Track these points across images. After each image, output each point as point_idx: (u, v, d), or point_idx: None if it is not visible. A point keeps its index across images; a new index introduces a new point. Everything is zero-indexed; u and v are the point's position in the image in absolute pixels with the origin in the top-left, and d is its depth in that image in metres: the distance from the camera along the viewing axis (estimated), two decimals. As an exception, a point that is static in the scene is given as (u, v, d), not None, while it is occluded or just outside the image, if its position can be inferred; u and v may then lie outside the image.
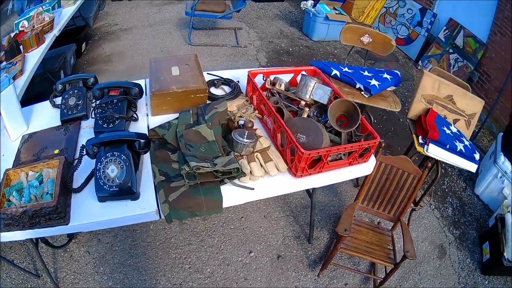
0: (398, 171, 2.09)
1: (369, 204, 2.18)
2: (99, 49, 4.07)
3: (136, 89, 1.66)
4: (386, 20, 5.70)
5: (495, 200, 3.05)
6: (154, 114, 1.72)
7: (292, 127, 1.54)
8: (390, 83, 2.46)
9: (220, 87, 1.94)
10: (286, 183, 1.48)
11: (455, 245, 2.63)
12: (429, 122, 2.21)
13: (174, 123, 1.61)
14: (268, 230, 2.38)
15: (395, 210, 2.16)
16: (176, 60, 1.88)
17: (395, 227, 2.20)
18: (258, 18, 5.29)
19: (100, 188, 1.22)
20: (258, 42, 4.61)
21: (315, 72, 1.97)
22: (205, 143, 1.47)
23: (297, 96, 1.70)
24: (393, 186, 2.11)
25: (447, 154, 2.18)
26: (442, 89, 2.33)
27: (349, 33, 2.74)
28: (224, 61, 4.05)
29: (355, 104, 1.63)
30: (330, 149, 1.43)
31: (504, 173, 2.95)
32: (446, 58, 4.65)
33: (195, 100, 1.71)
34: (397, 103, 2.46)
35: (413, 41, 5.19)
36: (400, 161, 2.06)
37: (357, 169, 1.63)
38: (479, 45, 4.27)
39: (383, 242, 2.13)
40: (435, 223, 2.71)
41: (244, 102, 1.82)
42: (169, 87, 1.66)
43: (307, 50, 4.69)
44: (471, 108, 2.43)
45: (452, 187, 3.06)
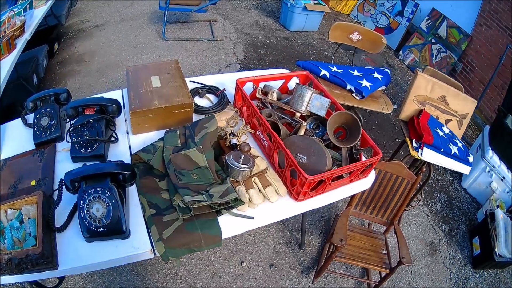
0: (392, 176, 2.02)
1: (362, 209, 2.12)
2: (71, 49, 3.80)
3: (114, 106, 1.45)
4: (365, 9, 5.55)
5: (483, 193, 3.06)
6: (135, 132, 1.51)
7: (291, 145, 1.41)
8: (381, 83, 2.35)
9: (205, 96, 1.76)
10: (287, 207, 1.36)
11: (445, 241, 2.63)
12: (423, 124, 2.13)
13: (159, 146, 1.40)
14: (258, 238, 2.29)
15: (388, 214, 2.11)
16: (155, 69, 1.67)
17: (388, 230, 2.16)
18: (234, 9, 5.07)
19: (87, 229, 1.08)
20: (235, 34, 4.42)
21: (307, 77, 1.83)
22: (196, 169, 1.30)
23: (292, 108, 1.56)
24: (386, 191, 2.05)
25: (442, 158, 2.13)
26: (436, 89, 2.26)
27: (338, 30, 2.60)
28: (200, 56, 3.86)
29: (354, 116, 1.51)
30: (334, 171, 1.32)
31: (492, 168, 2.94)
32: (429, 48, 4.58)
33: (180, 116, 1.53)
34: (388, 104, 2.37)
35: (393, 30, 5.09)
36: (394, 166, 1.99)
37: (358, 184, 1.54)
38: (463, 36, 4.22)
39: (377, 246, 2.08)
40: (424, 219, 2.69)
41: (234, 115, 1.66)
42: (150, 103, 1.46)
43: (285, 41, 4.53)
44: (463, 108, 2.38)
45: (439, 181, 3.05)
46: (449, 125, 2.36)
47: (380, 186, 2.04)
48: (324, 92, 1.70)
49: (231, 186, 1.26)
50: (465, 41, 4.18)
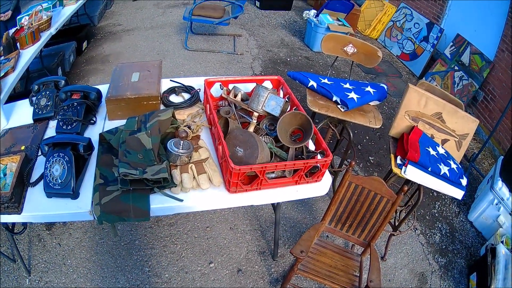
0: (370, 193, 1.81)
1: (337, 225, 1.91)
2: (99, 49, 3.98)
3: (95, 94, 1.68)
4: (393, 34, 5.31)
5: (489, 228, 2.68)
6: (110, 118, 1.66)
7: (233, 139, 1.33)
8: (373, 97, 2.17)
9: (180, 94, 1.78)
10: (219, 198, 1.29)
11: (438, 274, 2.31)
12: (412, 142, 1.91)
13: (120, 128, 1.50)
14: (232, 242, 2.16)
15: (365, 234, 1.89)
16: (140, 66, 1.81)
17: (365, 252, 1.92)
18: (261, 26, 5.05)
19: (47, 185, 1.26)
20: (256, 50, 4.38)
21: (280, 82, 1.75)
22: (143, 151, 1.32)
23: (250, 107, 1.49)
24: (364, 208, 1.84)
25: (428, 178, 1.86)
26: (430, 105, 2.01)
27: (331, 42, 2.44)
28: (217, 68, 3.86)
29: (308, 118, 1.40)
30: (266, 165, 1.21)
31: (500, 200, 2.59)
32: (451, 76, 4.24)
33: (148, 107, 1.62)
34: (378, 119, 2.17)
35: (418, 56, 4.79)
36: (372, 182, 1.79)
37: (307, 188, 1.40)
38: (485, 62, 3.85)
39: (349, 267, 1.85)
40: (418, 249, 2.39)
41: (199, 111, 1.64)
42: (124, 93, 1.60)
43: (305, 61, 4.41)
44: (463, 128, 2.07)
45: (444, 212, 2.72)
46: (446, 145, 2.08)
47: (357, 202, 1.84)
48: (291, 96, 1.62)
49: (165, 167, 1.27)
50: (487, 68, 3.81)
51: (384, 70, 4.53)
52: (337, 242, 2.27)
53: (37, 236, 2.11)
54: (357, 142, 3.14)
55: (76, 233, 2.15)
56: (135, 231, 2.18)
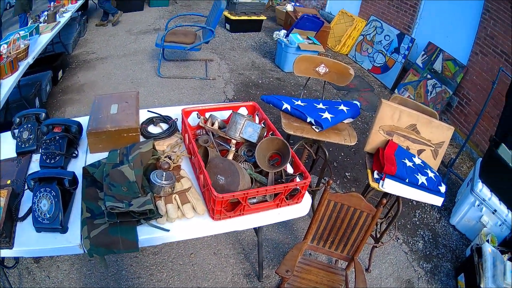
0: (350, 209, 1.96)
1: (320, 243, 2.06)
2: (74, 78, 4.11)
3: (76, 127, 1.78)
4: (363, 48, 5.64)
5: (473, 229, 2.91)
6: (92, 151, 1.75)
7: (214, 167, 1.48)
8: (346, 115, 2.36)
9: (158, 125, 1.90)
10: (204, 225, 1.41)
11: (425, 279, 2.50)
12: (387, 155, 2.09)
13: (103, 162, 1.61)
14: (217, 267, 2.29)
15: (348, 249, 2.04)
16: (118, 98, 1.92)
17: (349, 266, 2.07)
18: (232, 49, 5.33)
19: (36, 220, 1.34)
20: (228, 74, 4.61)
21: (255, 107, 1.92)
22: (127, 183, 1.44)
23: (228, 135, 1.65)
24: (345, 224, 1.99)
25: (406, 189, 2.04)
26: (404, 118, 2.19)
27: (303, 63, 2.62)
28: (190, 94, 4.05)
29: (285, 142, 1.57)
30: (248, 191, 1.37)
31: (482, 201, 2.83)
32: (424, 84, 4.54)
33: (128, 139, 1.72)
34: (352, 136, 2.36)
35: (389, 68, 5.11)
36: (351, 198, 1.94)
37: (288, 211, 1.56)
38: (458, 68, 4.17)
39: (335, 282, 2.00)
40: (402, 258, 2.59)
41: (177, 141, 1.78)
42: (104, 126, 1.70)
43: (277, 82, 4.67)
44: (438, 137, 2.26)
45: (425, 219, 2.94)
46: (423, 155, 2.26)
47: (337, 219, 1.99)
48: (266, 121, 1.79)
49: (150, 199, 1.38)
50: (461, 73, 4.12)
51: (355, 85, 4.83)
52: (320, 259, 2.44)
53: (26, 269, 2.21)
54: (333, 159, 3.35)
55: (64, 265, 2.26)
56: (121, 261, 2.28)
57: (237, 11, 5.74)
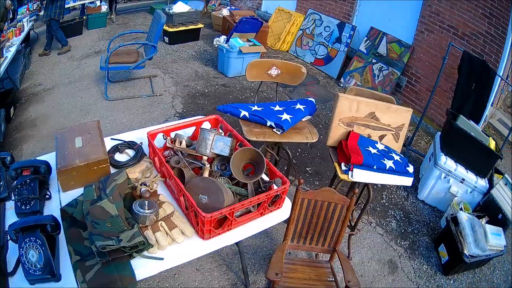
0: (324, 204, 2.23)
1: (300, 241, 2.32)
2: (25, 113, 4.20)
3: (44, 167, 1.83)
4: (303, 43, 6.11)
5: (443, 200, 3.35)
6: (64, 190, 1.82)
7: (194, 188, 1.65)
8: (304, 113, 2.63)
9: (124, 152, 2.04)
10: (196, 247, 1.61)
11: (406, 256, 2.88)
12: (351, 146, 2.38)
13: (80, 199, 1.71)
14: (203, 282, 2.49)
15: (328, 241, 2.31)
16: (80, 130, 2.01)
17: (332, 258, 2.35)
18: (174, 62, 5.60)
19: (27, 272, 1.39)
20: (174, 88, 4.87)
21: (218, 120, 2.09)
22: (110, 218, 1.56)
23: (198, 152, 1.81)
24: (321, 219, 2.25)
25: (376, 175, 2.34)
26: (362, 108, 2.48)
27: (255, 68, 2.87)
28: (141, 114, 4.26)
29: (258, 151, 1.76)
30: (234, 206, 1.56)
31: (448, 173, 3.22)
32: (370, 70, 5.00)
33: (99, 172, 1.83)
34: (313, 133, 2.62)
35: (332, 59, 5.59)
36: (323, 193, 2.20)
37: (271, 217, 1.78)
38: (404, 48, 4.64)
39: (322, 275, 2.26)
40: (379, 240, 2.93)
41: (148, 165, 1.93)
42: (73, 162, 1.77)
43: (223, 88, 5.00)
44: (397, 121, 2.58)
45: (393, 199, 3.31)
46: (384, 140, 2.59)
47: (313, 215, 2.24)
48: (232, 132, 1.96)
49: (138, 231, 1.54)
50: (407, 53, 4.59)
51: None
52: (300, 255, 2.69)
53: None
54: (291, 157, 3.62)
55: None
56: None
57: (175, 22, 6.03)
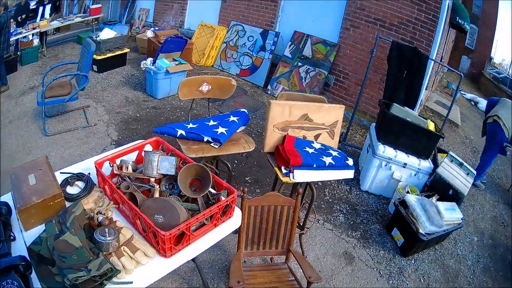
0: (271, 208, 2.64)
1: (253, 247, 2.71)
2: None
3: (5, 208, 2.05)
4: (228, 55, 6.78)
5: (388, 187, 3.95)
6: (26, 229, 2.05)
7: (148, 209, 2.00)
8: (238, 125, 3.06)
9: (75, 184, 2.31)
10: (160, 266, 1.92)
11: (360, 246, 3.39)
12: (288, 149, 2.80)
13: (44, 236, 1.94)
14: (168, 305, 2.82)
15: (281, 243, 2.73)
16: (31, 167, 2.24)
17: (288, 258, 2.76)
18: (104, 90, 6.07)
19: None
20: (107, 116, 5.29)
21: (158, 142, 2.46)
22: (75, 251, 1.83)
23: (145, 175, 2.18)
24: (270, 223, 2.66)
25: (317, 173, 2.77)
26: (294, 111, 2.91)
27: (186, 87, 3.26)
28: (79, 146, 4.61)
29: (203, 166, 2.16)
30: (189, 221, 1.92)
31: (388, 160, 3.81)
32: (296, 73, 5.68)
33: (55, 207, 2.09)
34: (250, 142, 3.07)
35: (258, 68, 6.27)
36: (268, 198, 2.62)
37: (225, 227, 2.16)
38: (330, 47, 5.32)
39: (282, 276, 2.64)
40: (329, 235, 3.43)
41: (99, 194, 2.23)
42: (30, 200, 2.00)
43: (154, 111, 5.52)
44: (330, 119, 3.04)
45: (336, 195, 3.86)
46: (320, 139, 3.06)
47: (262, 221, 2.65)
48: (174, 151, 2.35)
49: (104, 259, 1.82)
50: (333, 52, 5.26)
51: None
52: (256, 262, 3.11)
53: None
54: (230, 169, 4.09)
55: None
56: None
57: (102, 50, 6.47)
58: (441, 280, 3.52)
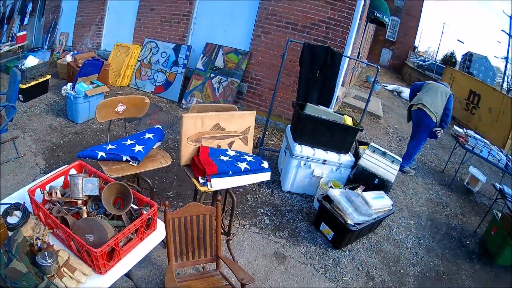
0: (194, 218, 2.95)
1: (183, 258, 3.00)
2: None
3: None
4: (142, 73, 7.27)
5: (310, 185, 4.47)
6: None
7: (78, 230, 2.33)
8: (154, 141, 3.45)
9: (13, 214, 2.56)
10: (98, 282, 2.25)
11: (290, 245, 3.84)
12: (204, 160, 3.17)
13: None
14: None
15: (209, 251, 3.04)
16: None
17: (218, 265, 3.07)
18: (30, 119, 6.30)
19: None
20: (34, 145, 5.53)
21: (81, 165, 2.80)
22: (24, 276, 2.12)
23: (73, 198, 2.54)
24: (195, 232, 2.97)
25: (233, 179, 3.18)
26: (206, 122, 3.28)
27: (103, 109, 3.60)
28: (12, 178, 4.76)
29: (122, 184, 2.55)
30: (117, 236, 2.29)
31: (307, 159, 4.33)
32: (209, 85, 6.26)
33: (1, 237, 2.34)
34: (166, 157, 3.46)
35: (171, 83, 6.79)
36: (190, 209, 2.92)
37: (151, 240, 2.54)
38: (241, 56, 5.93)
39: (216, 283, 2.92)
40: (257, 238, 3.88)
41: (35, 221, 2.51)
42: None
43: (75, 136, 5.86)
44: (242, 126, 3.46)
45: (259, 199, 4.36)
46: (234, 146, 3.47)
47: (188, 231, 2.96)
48: (96, 173, 2.73)
49: (49, 281, 2.15)
50: (245, 60, 5.86)
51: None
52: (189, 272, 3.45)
53: None
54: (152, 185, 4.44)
55: None
56: None
57: (27, 78, 6.69)
58: (381, 266, 4.03)
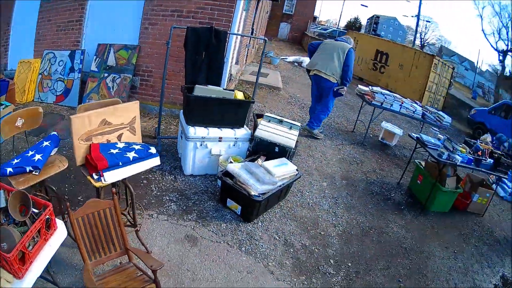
0: (95, 214, 3.30)
1: (96, 256, 3.34)
2: None
3: None
4: (44, 85, 7.62)
5: (210, 164, 5.02)
6: None
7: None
8: (51, 147, 3.79)
9: None
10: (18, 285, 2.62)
11: (200, 225, 4.33)
12: (95, 156, 3.56)
13: None
14: None
15: (118, 244, 3.42)
16: None
17: (130, 257, 3.46)
18: None
19: None
20: None
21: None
22: None
23: (-15, 212, 2.89)
24: (100, 228, 3.32)
25: (125, 170, 3.64)
26: (93, 120, 3.66)
27: (6, 126, 3.89)
28: None
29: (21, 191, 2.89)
30: (22, 240, 2.65)
31: (202, 139, 4.86)
32: (104, 85, 6.74)
33: None
34: (63, 161, 3.83)
35: (70, 90, 7.22)
36: (89, 205, 3.27)
37: (55, 239, 2.93)
38: (131, 51, 6.43)
39: (131, 274, 3.26)
40: (166, 225, 4.33)
41: None
42: None
43: None
44: (127, 117, 3.91)
45: (163, 187, 4.84)
46: (124, 137, 3.90)
47: (92, 228, 3.30)
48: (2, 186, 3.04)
49: None
50: (135, 54, 6.38)
51: (49, 123, 6.64)
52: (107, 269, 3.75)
53: None
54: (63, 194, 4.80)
55: None
56: None
57: None
58: (299, 232, 4.58)
